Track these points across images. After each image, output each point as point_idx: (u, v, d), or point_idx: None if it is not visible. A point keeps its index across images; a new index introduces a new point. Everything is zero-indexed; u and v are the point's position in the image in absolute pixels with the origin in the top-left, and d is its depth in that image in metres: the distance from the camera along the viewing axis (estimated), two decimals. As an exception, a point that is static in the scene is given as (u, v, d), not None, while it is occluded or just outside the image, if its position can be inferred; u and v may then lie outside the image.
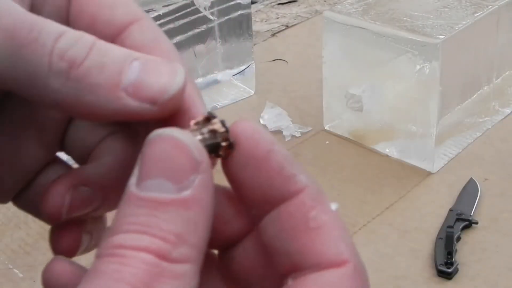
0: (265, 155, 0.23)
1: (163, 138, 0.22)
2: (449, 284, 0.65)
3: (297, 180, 0.23)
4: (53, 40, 0.23)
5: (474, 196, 0.75)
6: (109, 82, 0.23)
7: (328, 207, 0.23)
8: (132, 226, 0.21)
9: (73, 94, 0.23)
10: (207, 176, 0.22)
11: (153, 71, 0.24)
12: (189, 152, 0.22)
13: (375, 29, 0.79)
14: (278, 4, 1.28)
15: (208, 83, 0.94)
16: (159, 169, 0.22)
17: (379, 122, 0.83)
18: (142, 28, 0.26)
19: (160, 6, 0.85)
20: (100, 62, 0.23)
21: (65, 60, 0.23)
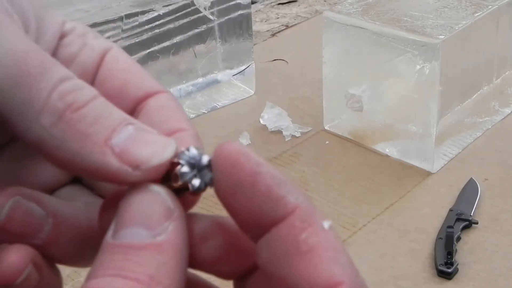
0: (251, 179, 0.22)
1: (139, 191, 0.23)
2: (449, 284, 0.65)
3: (286, 202, 0.22)
4: (60, 79, 0.23)
5: (474, 196, 0.75)
6: (99, 135, 0.23)
7: (319, 227, 0.22)
8: (106, 270, 0.21)
9: (59, 136, 0.23)
10: (180, 223, 0.23)
11: (144, 138, 0.24)
12: (163, 201, 0.23)
13: (375, 29, 0.79)
14: (278, 4, 1.28)
15: (208, 83, 0.94)
16: (134, 218, 0.22)
17: (379, 122, 0.83)
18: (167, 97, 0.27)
19: (160, 6, 0.85)
20: (97, 113, 0.23)
21: (64, 100, 0.23)
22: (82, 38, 0.28)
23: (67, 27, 0.28)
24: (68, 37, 0.27)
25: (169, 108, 0.27)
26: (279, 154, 0.85)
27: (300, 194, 0.23)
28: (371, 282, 0.66)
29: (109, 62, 0.27)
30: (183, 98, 0.92)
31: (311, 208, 0.22)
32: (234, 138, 0.88)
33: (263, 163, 0.23)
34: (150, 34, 0.85)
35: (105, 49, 0.28)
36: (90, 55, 0.27)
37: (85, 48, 0.27)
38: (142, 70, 0.28)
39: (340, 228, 0.72)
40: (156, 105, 0.27)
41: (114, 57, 0.28)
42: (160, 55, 0.87)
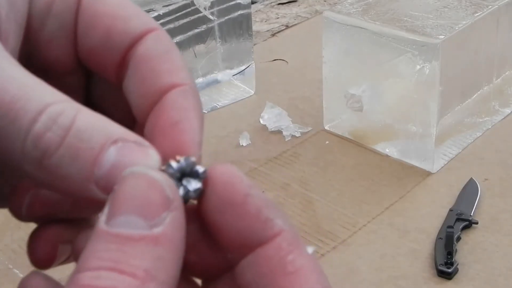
0: (242, 199, 0.23)
1: (136, 175, 0.22)
2: (449, 284, 0.65)
3: (274, 224, 0.23)
4: (30, 121, 0.22)
5: (474, 196, 0.75)
6: (81, 175, 0.23)
7: (304, 251, 0.23)
8: (101, 262, 0.21)
9: (45, 179, 0.23)
10: (178, 214, 0.22)
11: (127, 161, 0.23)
12: (162, 190, 0.22)
13: (375, 29, 0.79)
14: (278, 4, 1.28)
15: (208, 83, 0.94)
16: (131, 206, 0.22)
17: (379, 122, 0.83)
18: (155, 39, 0.25)
19: (160, 6, 0.85)
20: (74, 149, 0.22)
21: (39, 148, 0.22)
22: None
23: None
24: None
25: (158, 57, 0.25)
26: (279, 154, 0.85)
27: (286, 219, 0.23)
28: (371, 282, 0.66)
29: (87, 8, 0.26)
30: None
31: (296, 234, 0.23)
32: (234, 138, 0.88)
33: (254, 186, 0.23)
34: (150, 34, 0.85)
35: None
36: (65, 2, 0.26)
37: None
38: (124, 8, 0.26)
39: (340, 228, 0.72)
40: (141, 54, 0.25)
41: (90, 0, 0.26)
42: (160, 55, 0.87)
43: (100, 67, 0.26)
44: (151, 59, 0.25)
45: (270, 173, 0.81)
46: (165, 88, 0.25)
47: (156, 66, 0.25)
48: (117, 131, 0.23)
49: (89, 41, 0.25)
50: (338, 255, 0.69)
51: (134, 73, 0.25)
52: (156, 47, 0.25)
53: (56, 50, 0.26)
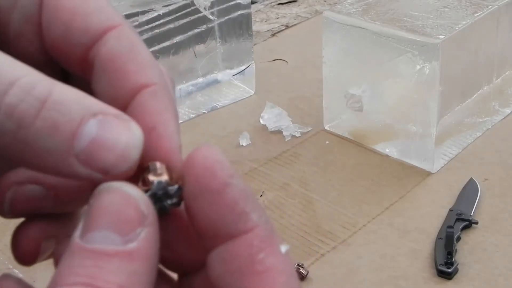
0: (220, 188, 0.22)
1: (112, 191, 0.22)
2: (449, 284, 0.65)
3: (249, 218, 0.22)
4: (2, 93, 0.21)
5: (474, 196, 0.75)
6: (60, 148, 0.22)
7: (277, 250, 0.22)
8: (76, 277, 0.21)
9: (20, 152, 0.22)
10: (153, 229, 0.22)
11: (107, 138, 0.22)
12: (136, 206, 0.22)
13: (375, 29, 0.79)
14: (278, 4, 1.28)
15: (208, 83, 0.94)
16: (106, 221, 0.21)
17: (379, 122, 0.83)
18: (118, 36, 0.24)
19: (160, 6, 0.85)
20: (52, 121, 0.21)
21: (14, 119, 0.21)
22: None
23: None
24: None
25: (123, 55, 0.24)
26: (279, 154, 0.85)
27: (263, 214, 0.22)
28: (371, 282, 0.66)
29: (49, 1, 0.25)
30: (183, 98, 0.92)
31: (271, 230, 0.22)
32: (234, 138, 0.88)
33: (236, 175, 0.22)
34: (150, 34, 0.85)
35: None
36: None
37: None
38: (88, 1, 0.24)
39: (340, 228, 0.72)
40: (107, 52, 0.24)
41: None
42: (160, 55, 0.87)
43: (64, 63, 0.25)
44: (115, 58, 0.24)
45: (270, 173, 0.81)
46: (133, 91, 0.24)
47: (121, 67, 0.24)
48: (97, 105, 0.22)
49: (51, 35, 0.24)
50: (338, 255, 0.69)
51: (100, 74, 0.24)
52: (119, 45, 0.24)
53: (24, 43, 0.26)
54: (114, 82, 0.24)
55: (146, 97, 0.24)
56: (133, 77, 0.24)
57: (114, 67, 0.24)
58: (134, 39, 0.24)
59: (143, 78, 0.24)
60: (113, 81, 0.24)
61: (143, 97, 0.24)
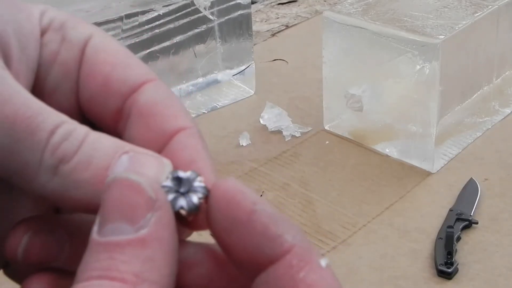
0: (247, 217, 0.22)
1: (118, 181, 0.23)
2: (449, 284, 0.65)
3: (283, 240, 0.22)
4: (48, 134, 0.23)
5: (474, 196, 0.75)
6: (95, 178, 0.23)
7: (317, 265, 0.22)
8: (91, 272, 0.21)
9: (59, 188, 0.23)
10: (164, 212, 0.22)
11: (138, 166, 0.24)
12: (142, 191, 0.22)
13: (375, 29, 0.79)
14: (278, 4, 1.28)
15: (208, 83, 0.94)
16: (116, 212, 0.22)
17: (379, 122, 0.83)
18: (155, 87, 0.26)
19: (160, 6, 0.85)
20: (88, 156, 0.24)
21: (56, 156, 0.23)
22: (61, 32, 0.26)
23: (44, 21, 0.27)
24: (47, 33, 0.26)
25: (161, 103, 0.26)
26: (279, 154, 0.85)
27: (297, 233, 0.23)
28: (371, 282, 0.66)
29: (90, 56, 0.27)
30: (183, 98, 0.92)
31: (308, 247, 0.23)
32: (234, 138, 0.88)
33: (260, 201, 0.23)
34: (150, 34, 0.85)
35: (85, 40, 0.27)
36: (70, 50, 0.26)
37: (65, 44, 0.26)
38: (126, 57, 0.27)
39: (340, 228, 0.72)
40: (145, 101, 0.26)
41: (94, 49, 0.27)
42: (160, 55, 0.87)
43: (98, 116, 0.27)
44: (154, 105, 0.26)
45: (270, 173, 0.81)
46: (173, 132, 0.26)
47: (161, 112, 0.26)
48: (129, 144, 0.24)
49: (89, 89, 0.26)
50: (338, 255, 0.69)
51: (137, 119, 0.26)
52: (157, 94, 0.26)
53: (59, 98, 0.27)
54: (153, 126, 0.26)
55: (184, 137, 0.26)
56: (172, 121, 0.26)
57: (153, 112, 0.26)
58: (169, 91, 0.27)
59: (181, 122, 0.26)
60: (152, 124, 0.26)
61: (181, 137, 0.26)
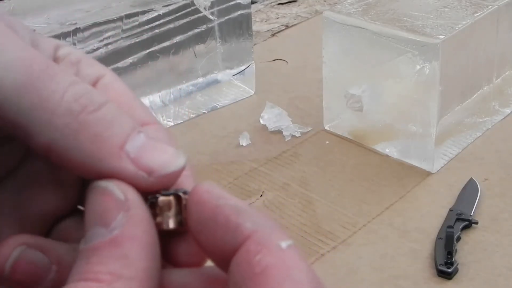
0: (212, 212, 0.23)
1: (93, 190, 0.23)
2: (449, 284, 0.65)
3: (243, 228, 0.23)
4: (70, 82, 0.23)
5: (474, 196, 0.75)
6: (115, 139, 0.24)
7: (276, 248, 0.22)
8: (71, 277, 0.22)
9: (73, 137, 0.23)
10: (136, 211, 0.23)
11: (157, 146, 0.24)
12: (111, 195, 0.23)
13: (375, 29, 0.79)
14: (278, 4, 1.28)
15: (208, 83, 0.94)
16: (92, 219, 0.23)
17: (379, 122, 0.83)
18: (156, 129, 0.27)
19: (160, 6, 0.85)
20: (111, 117, 0.24)
21: (79, 102, 0.23)
22: (76, 66, 0.27)
23: (61, 52, 0.27)
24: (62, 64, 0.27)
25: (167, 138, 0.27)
26: (279, 154, 0.85)
27: (260, 220, 0.23)
28: (371, 282, 0.66)
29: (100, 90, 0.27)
30: (183, 98, 0.92)
31: (269, 231, 0.23)
32: (234, 138, 0.88)
33: (225, 196, 0.24)
34: (150, 34, 0.85)
35: (97, 77, 0.27)
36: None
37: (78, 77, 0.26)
38: (132, 99, 0.27)
39: (340, 228, 0.72)
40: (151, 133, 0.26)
41: (104, 86, 0.27)
42: (160, 55, 0.87)
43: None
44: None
45: (270, 173, 0.81)
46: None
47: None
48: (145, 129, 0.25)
49: None
50: (338, 255, 0.69)
51: None
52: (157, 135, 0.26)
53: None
54: None
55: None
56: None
57: None
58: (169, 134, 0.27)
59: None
60: None
61: None
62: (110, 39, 0.82)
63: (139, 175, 0.24)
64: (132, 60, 0.85)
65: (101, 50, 0.81)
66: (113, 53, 0.82)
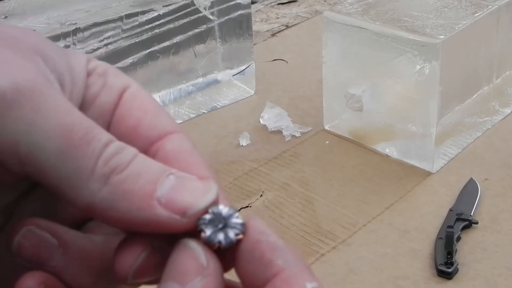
0: (252, 245, 0.25)
1: (180, 244, 0.25)
2: (449, 284, 0.65)
3: (274, 265, 0.25)
4: (103, 145, 0.25)
5: (474, 196, 0.75)
6: (144, 190, 0.25)
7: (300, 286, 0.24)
8: None
9: (107, 198, 0.25)
10: (212, 279, 0.25)
11: (187, 185, 0.26)
12: (196, 258, 0.25)
13: (375, 29, 0.79)
14: (278, 4, 1.28)
15: (208, 83, 0.94)
16: (171, 273, 0.25)
17: (379, 122, 0.83)
18: (181, 138, 0.28)
19: (160, 6, 0.85)
20: (139, 170, 0.25)
21: (109, 166, 0.25)
22: (103, 77, 0.29)
23: (90, 66, 0.29)
24: (90, 77, 0.28)
25: (185, 152, 0.28)
26: (279, 154, 0.85)
27: (292, 258, 0.25)
28: (371, 282, 0.66)
29: (126, 101, 0.29)
30: (183, 98, 0.92)
31: (297, 271, 0.25)
32: (234, 138, 0.88)
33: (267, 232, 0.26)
34: (150, 34, 0.85)
35: (124, 87, 0.29)
36: (109, 94, 0.28)
37: (105, 87, 0.28)
38: (158, 108, 0.29)
39: (340, 228, 0.72)
40: (171, 148, 0.28)
41: (131, 95, 0.29)
42: (160, 55, 0.87)
43: None
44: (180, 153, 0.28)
45: (270, 173, 0.81)
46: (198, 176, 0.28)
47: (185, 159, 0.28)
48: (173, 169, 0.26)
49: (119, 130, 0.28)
50: (338, 255, 0.69)
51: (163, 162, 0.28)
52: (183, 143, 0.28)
53: None
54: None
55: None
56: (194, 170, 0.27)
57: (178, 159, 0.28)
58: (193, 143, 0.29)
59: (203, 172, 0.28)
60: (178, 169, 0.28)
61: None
62: (110, 39, 0.82)
63: (173, 219, 0.25)
64: (132, 60, 0.85)
65: (101, 50, 0.81)
66: (113, 53, 0.82)
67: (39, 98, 0.25)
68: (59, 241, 0.27)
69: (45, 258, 0.27)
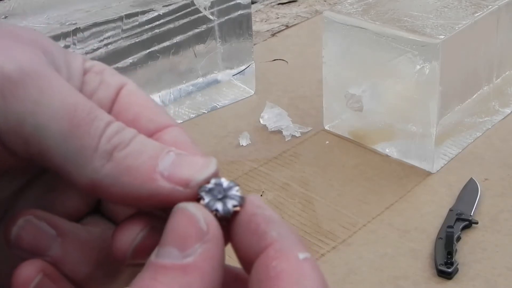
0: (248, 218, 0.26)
1: (179, 211, 0.25)
2: (449, 284, 0.65)
3: (268, 236, 0.25)
4: (105, 124, 0.26)
5: (474, 196, 0.75)
6: (146, 165, 0.26)
7: (292, 257, 0.24)
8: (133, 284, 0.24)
9: (111, 174, 0.25)
10: (212, 245, 0.24)
11: (187, 159, 0.26)
12: (196, 223, 0.24)
13: (375, 29, 0.79)
14: (278, 4, 1.28)
15: (208, 83, 0.94)
16: (171, 238, 0.24)
17: (379, 122, 0.83)
18: (179, 131, 0.29)
19: (160, 6, 0.85)
20: (141, 146, 0.26)
21: (111, 143, 0.26)
22: (100, 75, 0.29)
23: (86, 65, 0.29)
24: (87, 74, 0.29)
25: (183, 143, 0.28)
26: (279, 154, 0.85)
27: (285, 231, 0.25)
28: (371, 282, 0.66)
29: (124, 97, 0.29)
30: (183, 98, 0.92)
31: (291, 242, 0.25)
32: (234, 138, 0.88)
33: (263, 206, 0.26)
34: (150, 34, 0.85)
35: (121, 84, 0.29)
36: (106, 91, 0.29)
37: (103, 85, 0.29)
38: (155, 104, 0.30)
39: (340, 228, 0.72)
40: (169, 139, 0.28)
41: (128, 92, 0.29)
42: (160, 55, 0.87)
43: None
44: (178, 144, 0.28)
45: (270, 173, 0.81)
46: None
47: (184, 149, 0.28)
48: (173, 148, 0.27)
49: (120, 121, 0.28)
50: (338, 255, 0.69)
51: None
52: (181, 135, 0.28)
53: None
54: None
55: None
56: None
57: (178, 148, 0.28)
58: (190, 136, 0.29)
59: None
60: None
61: None
62: (110, 39, 0.82)
63: (176, 190, 0.25)
64: (132, 60, 0.85)
65: (101, 50, 0.81)
66: (113, 53, 0.82)
67: (44, 80, 0.25)
68: (57, 231, 0.28)
69: (43, 248, 0.27)
